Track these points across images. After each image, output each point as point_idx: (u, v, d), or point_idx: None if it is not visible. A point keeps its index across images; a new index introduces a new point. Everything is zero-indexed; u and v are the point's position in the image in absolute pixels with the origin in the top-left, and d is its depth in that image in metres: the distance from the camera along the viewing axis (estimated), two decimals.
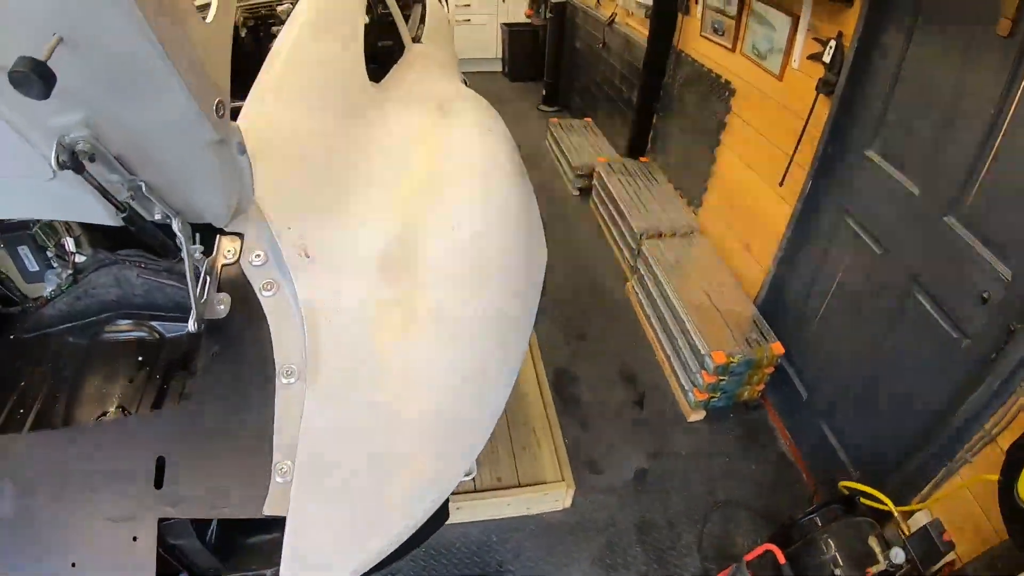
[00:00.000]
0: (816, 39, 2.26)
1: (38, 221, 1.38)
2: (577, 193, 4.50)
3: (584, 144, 4.61)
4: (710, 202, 3.24)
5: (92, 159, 0.67)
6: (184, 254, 0.87)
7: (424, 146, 1.45)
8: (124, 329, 1.44)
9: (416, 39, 2.61)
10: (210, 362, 0.92)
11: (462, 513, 2.19)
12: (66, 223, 1.42)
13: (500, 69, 6.89)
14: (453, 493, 2.17)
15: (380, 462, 0.90)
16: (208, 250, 1.00)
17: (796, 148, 2.36)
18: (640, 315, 3.23)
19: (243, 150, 0.78)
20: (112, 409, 1.31)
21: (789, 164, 2.41)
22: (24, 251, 1.43)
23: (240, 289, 0.98)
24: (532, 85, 6.35)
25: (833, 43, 2.15)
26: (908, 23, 1.85)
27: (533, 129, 5.57)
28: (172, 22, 0.58)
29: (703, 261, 3.02)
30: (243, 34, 2.63)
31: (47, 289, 1.44)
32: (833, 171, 2.21)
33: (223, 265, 1.00)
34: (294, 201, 1.08)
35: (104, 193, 0.72)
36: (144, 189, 0.75)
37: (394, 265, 1.07)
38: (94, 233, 1.45)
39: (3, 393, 1.29)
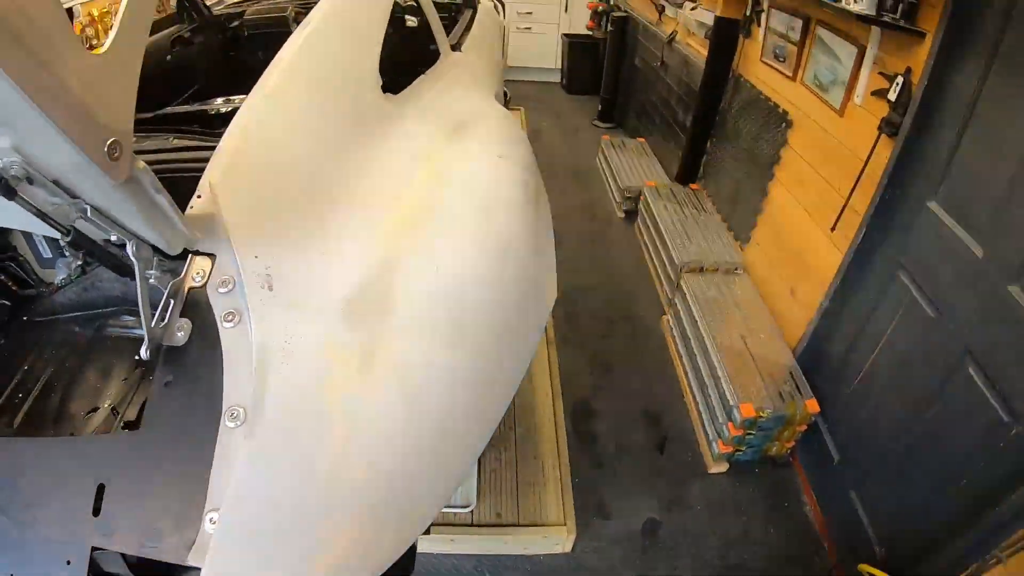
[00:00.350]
0: (882, 74, 2.12)
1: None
2: (623, 216, 4.41)
3: (635, 165, 4.52)
4: (758, 239, 3.09)
5: (31, 182, 0.67)
6: (137, 279, 0.87)
7: (428, 170, 1.40)
8: (127, 325, 1.48)
9: (456, 47, 2.58)
10: (162, 392, 0.92)
11: (456, 545, 2.16)
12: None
13: (559, 80, 6.87)
14: (449, 524, 2.16)
15: (307, 530, 0.85)
16: (177, 270, 0.99)
17: (852, 192, 2.21)
18: (673, 352, 3.11)
19: (159, 189, 0.74)
20: (104, 405, 1.35)
21: (843, 208, 2.26)
22: (38, 236, 1.48)
23: (203, 315, 0.96)
24: (589, 99, 6.29)
25: (900, 79, 2.00)
26: (985, 62, 1.69)
27: (586, 145, 5.51)
28: (35, 62, 0.55)
29: (744, 302, 2.88)
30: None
31: (58, 277, 1.49)
32: (890, 221, 2.06)
33: (190, 288, 0.98)
34: (268, 225, 1.04)
35: (43, 216, 0.71)
36: (89, 212, 0.75)
37: (363, 306, 1.01)
38: None
39: (8, 372, 1.33)
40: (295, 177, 1.15)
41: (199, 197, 0.99)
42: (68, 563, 0.88)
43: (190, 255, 1.00)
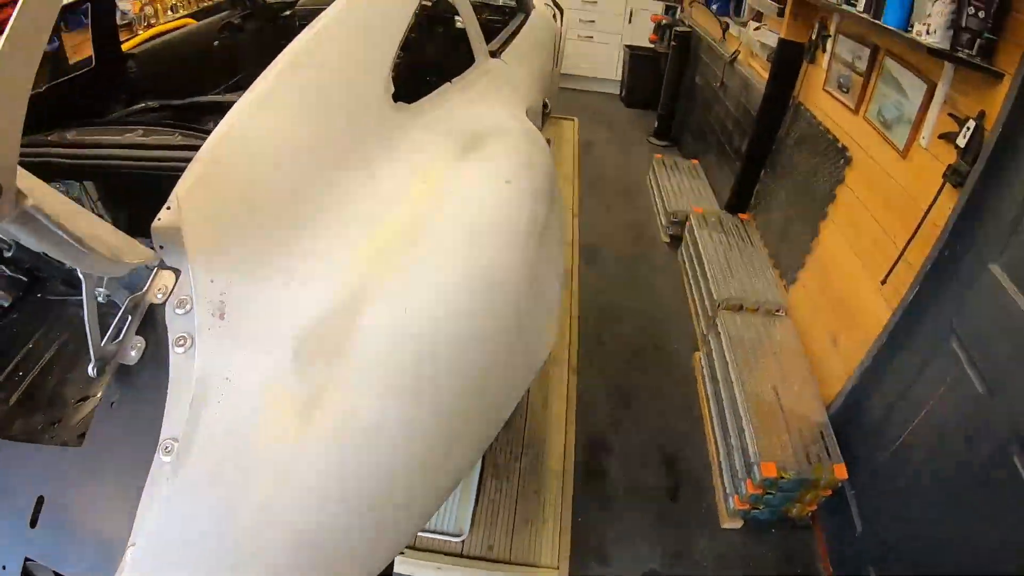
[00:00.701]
0: (952, 115, 1.95)
1: (65, 191, 1.45)
2: (668, 240, 4.27)
3: (685, 188, 4.37)
4: (804, 280, 2.91)
5: None
6: (84, 295, 0.86)
7: (423, 189, 1.30)
8: None
9: (496, 53, 2.49)
10: (107, 412, 0.91)
11: (442, 573, 2.11)
12: (92, 199, 1.50)
13: (617, 92, 6.75)
14: (437, 551, 2.12)
15: None
16: (140, 283, 0.96)
17: (908, 243, 2.04)
18: (701, 392, 2.97)
19: (61, 226, 0.71)
20: (96, 395, 1.37)
21: (897, 260, 2.09)
22: None
23: (159, 335, 0.93)
24: (647, 114, 6.14)
25: (972, 124, 1.84)
26: None
27: (638, 162, 5.39)
28: None
29: (782, 347, 2.72)
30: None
31: None
32: (947, 281, 1.88)
33: (152, 304, 0.95)
34: (231, 246, 0.98)
35: None
36: None
37: (317, 345, 0.94)
38: (117, 214, 1.54)
39: (15, 348, 1.37)
40: (270, 193, 1.09)
41: (168, 208, 0.96)
42: (3, 568, 0.89)
43: (155, 268, 0.99)
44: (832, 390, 2.41)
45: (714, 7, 4.14)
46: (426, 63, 2.99)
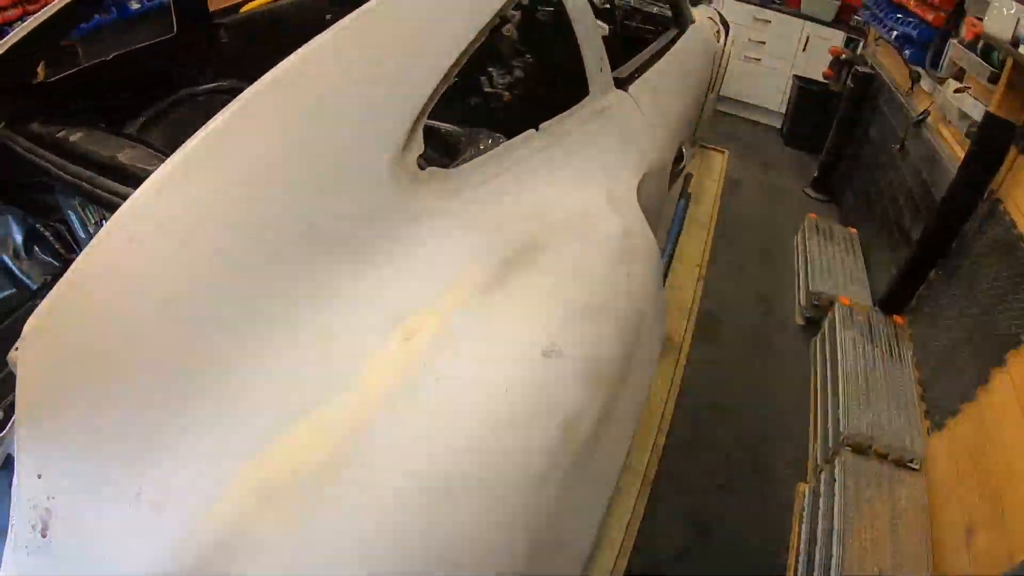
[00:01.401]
0: None
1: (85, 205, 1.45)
2: (803, 323, 3.76)
3: (836, 264, 3.82)
4: (953, 431, 2.38)
5: None
6: None
7: (394, 363, 0.87)
8: None
9: (624, 82, 1.94)
10: None
11: None
12: (104, 207, 1.44)
13: (778, 126, 6.11)
14: None
15: None
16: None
17: None
18: (794, 539, 2.55)
19: None
20: None
21: None
22: (71, 216, 1.49)
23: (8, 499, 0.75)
24: (808, 158, 5.48)
25: None
26: None
27: (788, 215, 4.82)
28: None
29: (904, 515, 2.24)
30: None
31: None
32: None
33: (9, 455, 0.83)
34: (78, 427, 0.73)
35: None
36: None
37: None
38: None
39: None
40: (157, 345, 0.78)
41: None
42: None
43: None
44: None
45: (907, 52, 3.52)
46: (545, 83, 2.53)
